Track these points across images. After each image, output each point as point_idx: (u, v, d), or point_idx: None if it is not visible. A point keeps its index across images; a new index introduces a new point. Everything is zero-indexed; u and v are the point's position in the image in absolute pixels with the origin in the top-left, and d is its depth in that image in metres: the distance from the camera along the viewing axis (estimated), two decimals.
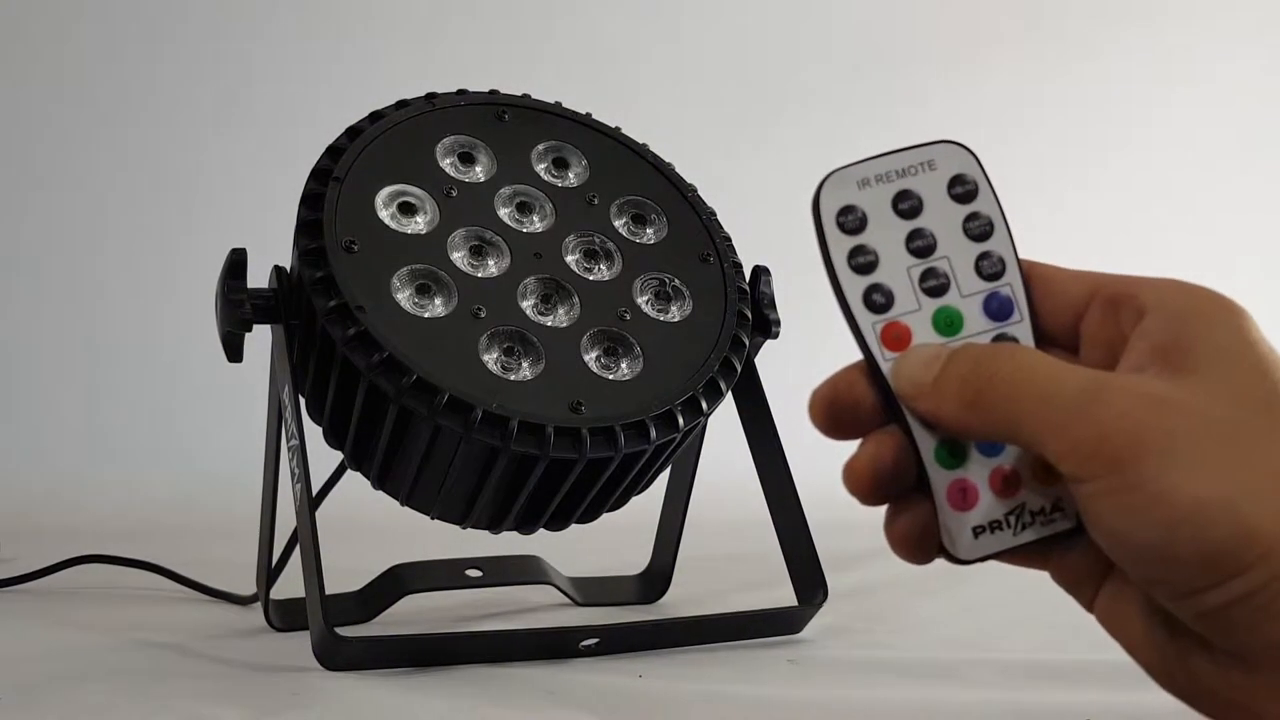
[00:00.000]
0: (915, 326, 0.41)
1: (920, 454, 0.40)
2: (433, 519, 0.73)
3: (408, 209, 0.72)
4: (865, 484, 0.40)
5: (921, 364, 0.40)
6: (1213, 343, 0.37)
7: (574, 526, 0.75)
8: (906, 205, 0.42)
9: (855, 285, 0.41)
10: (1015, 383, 0.38)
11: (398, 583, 0.81)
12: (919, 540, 0.41)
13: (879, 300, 0.41)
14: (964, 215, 0.42)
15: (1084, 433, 0.36)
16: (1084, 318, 0.41)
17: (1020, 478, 0.40)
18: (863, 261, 0.41)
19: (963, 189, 0.42)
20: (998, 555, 0.40)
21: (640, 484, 0.75)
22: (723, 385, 0.72)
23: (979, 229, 0.42)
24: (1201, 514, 0.34)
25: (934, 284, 0.41)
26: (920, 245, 0.42)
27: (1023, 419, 0.37)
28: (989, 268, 0.42)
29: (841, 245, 0.41)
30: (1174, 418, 0.35)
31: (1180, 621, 0.37)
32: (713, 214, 0.79)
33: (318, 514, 0.68)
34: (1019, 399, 0.37)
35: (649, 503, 0.84)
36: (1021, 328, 0.41)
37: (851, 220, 0.41)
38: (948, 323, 0.41)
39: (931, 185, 0.42)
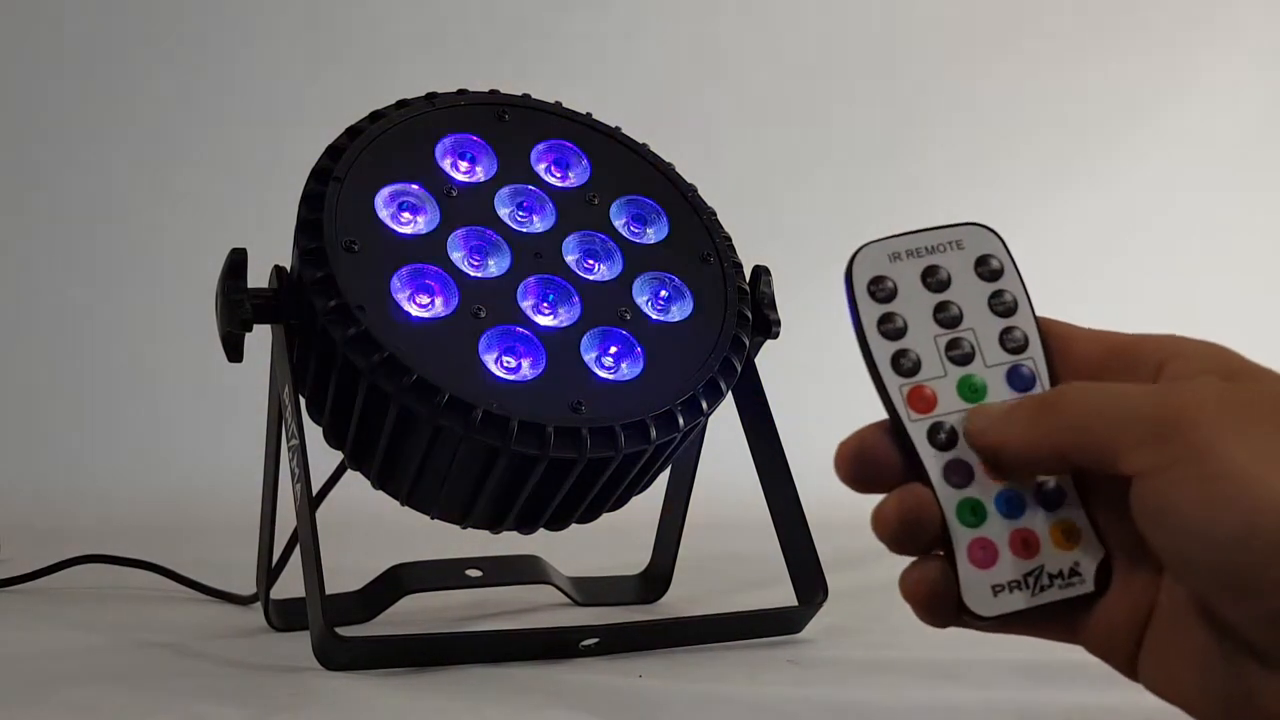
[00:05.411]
0: (940, 391, 0.43)
1: (944, 511, 0.42)
2: (433, 519, 0.73)
3: (408, 209, 0.72)
4: (893, 530, 0.41)
5: (996, 407, 0.42)
6: (1240, 365, 0.39)
7: (574, 526, 0.75)
8: (935, 279, 0.44)
9: (884, 349, 0.43)
10: (1084, 397, 0.39)
11: (398, 583, 0.81)
12: (931, 598, 0.42)
13: (906, 365, 0.43)
14: (989, 292, 0.44)
15: (1161, 413, 0.37)
16: (1100, 375, 0.42)
17: (1039, 540, 0.42)
18: (892, 328, 0.43)
19: (988, 268, 0.44)
20: (1016, 617, 0.42)
21: (640, 484, 0.75)
22: (723, 385, 0.72)
23: (1003, 306, 0.44)
24: None
25: (959, 353, 0.43)
26: (947, 316, 0.44)
27: (1094, 420, 0.38)
28: (1012, 342, 0.44)
29: (872, 312, 0.43)
30: (1245, 409, 0.36)
31: (1240, 645, 0.37)
32: (713, 214, 0.79)
33: (318, 514, 0.68)
34: (1088, 406, 0.39)
35: (649, 503, 0.84)
36: None
37: (882, 290, 0.44)
38: (972, 389, 0.43)
39: (959, 263, 0.44)
